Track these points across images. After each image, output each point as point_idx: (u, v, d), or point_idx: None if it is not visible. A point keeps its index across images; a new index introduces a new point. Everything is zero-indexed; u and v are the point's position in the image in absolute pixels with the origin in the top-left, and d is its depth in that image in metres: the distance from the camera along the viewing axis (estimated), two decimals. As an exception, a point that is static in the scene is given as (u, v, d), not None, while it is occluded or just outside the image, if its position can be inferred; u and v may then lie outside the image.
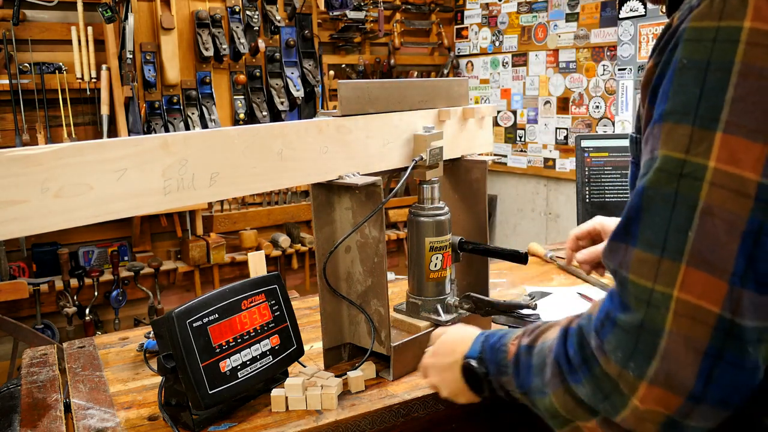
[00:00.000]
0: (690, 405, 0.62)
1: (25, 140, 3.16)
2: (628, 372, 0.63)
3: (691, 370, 0.60)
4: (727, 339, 0.59)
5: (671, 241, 0.61)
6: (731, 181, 0.59)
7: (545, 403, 0.76)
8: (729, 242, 0.59)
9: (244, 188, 1.09)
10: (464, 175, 1.48)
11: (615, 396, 0.65)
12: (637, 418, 0.64)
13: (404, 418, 1.16)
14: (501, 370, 0.87)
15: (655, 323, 0.62)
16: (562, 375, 0.72)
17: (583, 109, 3.87)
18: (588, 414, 0.70)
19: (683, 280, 0.61)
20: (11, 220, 0.86)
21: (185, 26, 3.54)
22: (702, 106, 0.60)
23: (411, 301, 1.39)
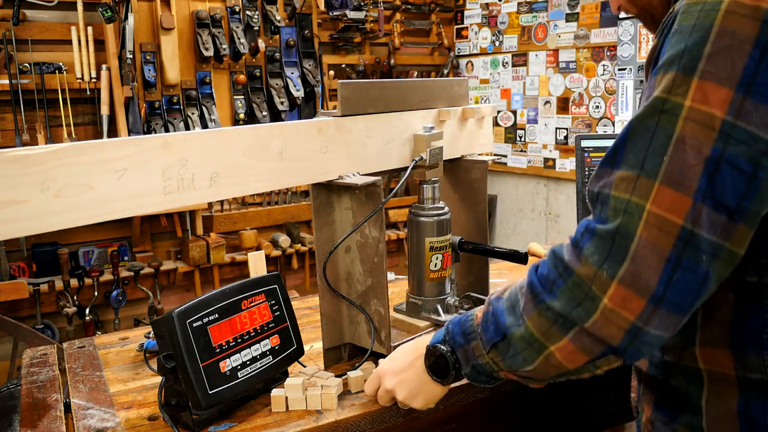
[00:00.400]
0: (651, 308, 0.72)
1: (25, 140, 3.16)
2: (602, 272, 0.74)
3: (654, 272, 0.72)
4: (686, 247, 0.71)
5: (649, 162, 0.74)
6: (702, 117, 0.72)
7: (520, 332, 0.82)
8: (695, 165, 0.72)
9: (244, 188, 1.09)
10: (464, 175, 1.48)
11: (587, 300, 0.75)
12: (605, 320, 0.74)
13: (404, 418, 1.16)
14: (469, 337, 0.92)
15: (629, 228, 0.73)
16: (537, 296, 0.80)
17: (583, 109, 3.87)
18: (561, 332, 0.78)
19: (655, 196, 0.73)
20: (11, 220, 0.86)
21: (185, 26, 3.54)
22: (685, 57, 0.74)
23: (411, 301, 1.39)
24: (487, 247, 1.38)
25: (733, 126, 0.71)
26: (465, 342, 0.93)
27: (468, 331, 0.92)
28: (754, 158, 0.71)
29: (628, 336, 0.75)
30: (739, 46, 0.71)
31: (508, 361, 0.86)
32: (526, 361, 0.84)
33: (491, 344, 0.87)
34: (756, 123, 0.71)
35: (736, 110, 0.71)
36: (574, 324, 0.77)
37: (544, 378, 0.86)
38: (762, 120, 0.71)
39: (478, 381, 0.95)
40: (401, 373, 1.04)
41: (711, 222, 0.71)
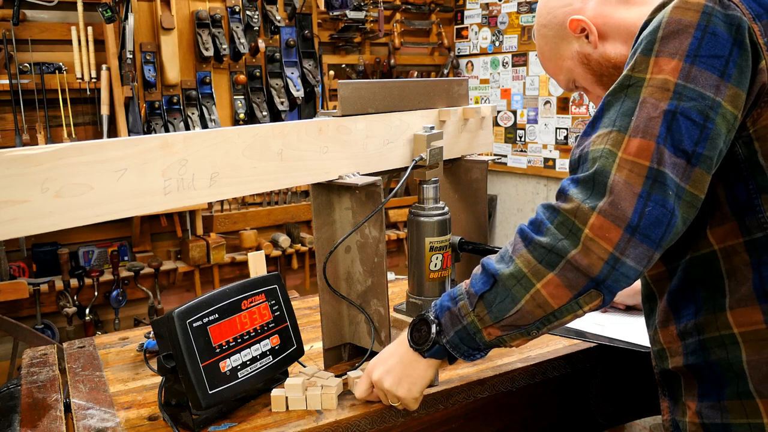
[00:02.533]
0: (626, 237, 0.83)
1: (25, 140, 3.15)
2: (584, 205, 0.85)
3: (629, 204, 0.83)
4: (654, 184, 0.83)
5: (619, 120, 0.88)
6: (659, 82, 0.87)
7: (510, 270, 0.91)
8: (656, 117, 0.85)
9: (244, 188, 1.09)
10: (464, 175, 1.48)
11: (571, 235, 0.85)
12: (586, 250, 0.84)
13: (404, 418, 1.16)
14: (456, 299, 0.98)
15: (605, 168, 0.85)
16: (526, 237, 0.90)
17: (583, 109, 3.87)
18: (547, 268, 0.87)
19: (626, 146, 0.85)
20: (11, 220, 0.86)
21: (185, 26, 3.53)
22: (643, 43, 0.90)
23: (411, 301, 1.39)
24: (487, 247, 1.38)
25: (684, 87, 0.85)
26: (452, 304, 0.99)
27: (455, 294, 0.99)
28: (703, 112, 0.84)
29: (607, 266, 0.84)
30: (684, 29, 0.87)
31: (494, 310, 0.93)
32: (513, 301, 0.91)
33: (479, 295, 0.94)
34: (702, 84, 0.85)
35: (686, 75, 0.85)
36: (560, 257, 0.86)
37: (527, 325, 0.92)
38: (707, 83, 0.85)
39: (458, 351, 0.99)
40: (386, 361, 1.08)
41: (673, 164, 0.84)
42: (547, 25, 1.18)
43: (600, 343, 1.39)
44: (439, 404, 1.20)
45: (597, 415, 1.46)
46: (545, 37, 1.19)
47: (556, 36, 1.16)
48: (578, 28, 1.12)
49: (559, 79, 1.22)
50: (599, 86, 1.15)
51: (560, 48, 1.17)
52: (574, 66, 1.16)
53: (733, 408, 0.91)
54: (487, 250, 1.38)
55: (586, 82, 1.17)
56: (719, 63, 0.85)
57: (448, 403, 1.21)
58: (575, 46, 1.14)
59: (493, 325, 0.94)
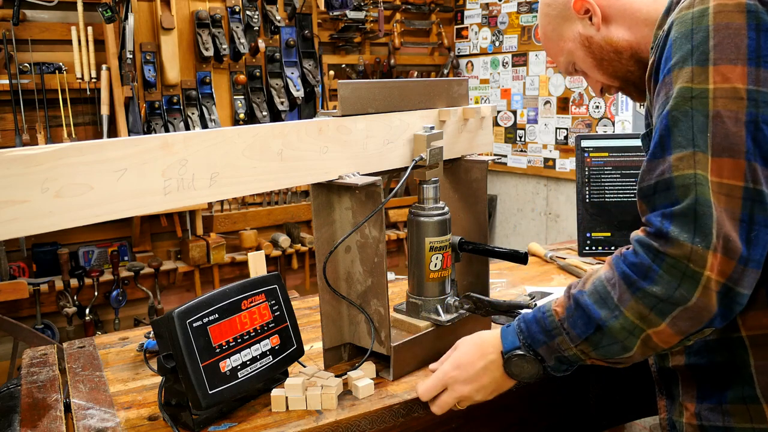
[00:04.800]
0: (741, 268, 0.78)
1: (25, 140, 3.15)
2: (697, 246, 0.78)
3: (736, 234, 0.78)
4: (754, 204, 0.78)
5: (698, 139, 0.81)
6: (728, 92, 0.81)
7: (620, 323, 0.85)
8: (738, 131, 0.80)
9: (244, 188, 1.09)
10: (464, 175, 1.48)
11: (686, 279, 0.79)
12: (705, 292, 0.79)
13: (404, 418, 1.16)
14: (552, 333, 0.94)
15: (705, 197, 0.79)
16: (633, 285, 0.83)
17: (583, 109, 3.87)
18: (659, 317, 0.82)
19: (712, 167, 0.80)
20: (11, 220, 0.86)
21: (185, 26, 3.53)
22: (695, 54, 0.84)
23: (411, 301, 1.39)
24: (487, 247, 1.38)
25: (757, 92, 0.80)
26: (548, 339, 0.95)
27: (550, 327, 0.94)
28: None
29: (722, 298, 0.79)
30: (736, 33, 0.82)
31: (602, 350, 0.89)
32: (625, 349, 0.87)
33: (583, 338, 0.90)
34: None
35: (755, 79, 0.81)
36: (675, 306, 0.81)
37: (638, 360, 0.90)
38: None
39: (558, 371, 0.99)
40: (476, 380, 1.06)
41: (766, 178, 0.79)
42: (551, 4, 1.16)
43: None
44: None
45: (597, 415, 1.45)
46: (548, 16, 1.17)
47: (559, 16, 1.14)
48: (582, 9, 1.09)
49: (558, 60, 1.20)
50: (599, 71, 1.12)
51: (562, 29, 1.14)
52: (575, 48, 1.13)
53: (736, 412, 0.89)
54: (487, 250, 1.38)
55: (585, 65, 1.14)
56: None
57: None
58: (578, 27, 1.11)
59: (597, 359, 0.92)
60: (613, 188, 2.00)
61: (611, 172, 2.00)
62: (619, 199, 1.99)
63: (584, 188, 2.01)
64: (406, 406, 1.16)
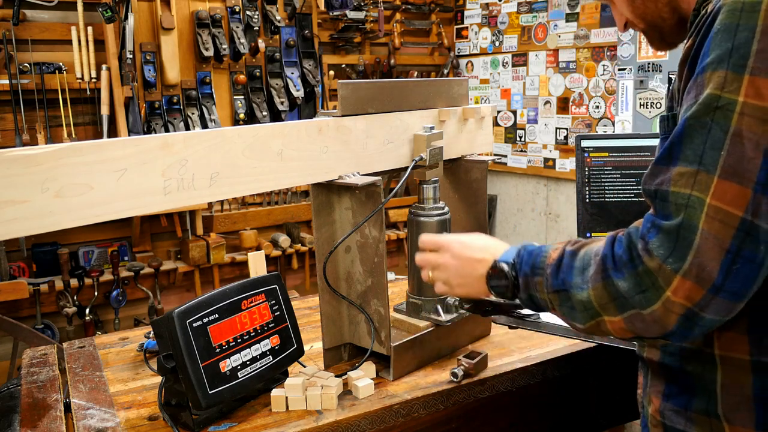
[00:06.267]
0: (709, 296, 0.75)
1: (25, 140, 3.15)
2: (667, 266, 0.77)
3: (715, 264, 0.74)
4: (746, 238, 0.74)
5: (707, 157, 0.76)
6: (757, 111, 0.74)
7: (582, 296, 0.87)
8: (754, 158, 0.74)
9: (244, 188, 1.09)
10: (464, 175, 1.48)
11: (651, 291, 0.78)
12: (665, 311, 0.78)
13: (404, 418, 1.16)
14: (536, 271, 0.96)
15: (691, 222, 0.76)
16: (606, 272, 0.83)
17: (583, 109, 3.87)
18: (618, 309, 0.82)
19: (715, 190, 0.75)
20: (11, 220, 0.86)
21: (185, 26, 3.53)
22: (734, 56, 0.76)
23: (411, 301, 1.39)
24: (487, 247, 1.38)
25: None
26: (531, 274, 0.97)
27: (538, 266, 0.96)
28: None
29: (683, 320, 0.78)
30: None
31: (563, 309, 0.91)
32: (578, 320, 0.89)
33: (554, 289, 0.92)
34: None
35: None
36: (633, 307, 0.81)
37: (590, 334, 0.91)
38: None
39: (526, 306, 1.01)
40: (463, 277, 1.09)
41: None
42: None
43: (600, 343, 1.39)
44: (439, 404, 1.20)
45: (597, 415, 1.45)
46: None
47: None
48: None
49: None
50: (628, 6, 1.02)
51: None
52: None
53: (699, 422, 0.88)
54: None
55: None
56: None
57: (448, 403, 1.21)
58: None
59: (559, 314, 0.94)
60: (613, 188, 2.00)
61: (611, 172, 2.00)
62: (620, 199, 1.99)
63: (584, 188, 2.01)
64: (406, 406, 1.16)
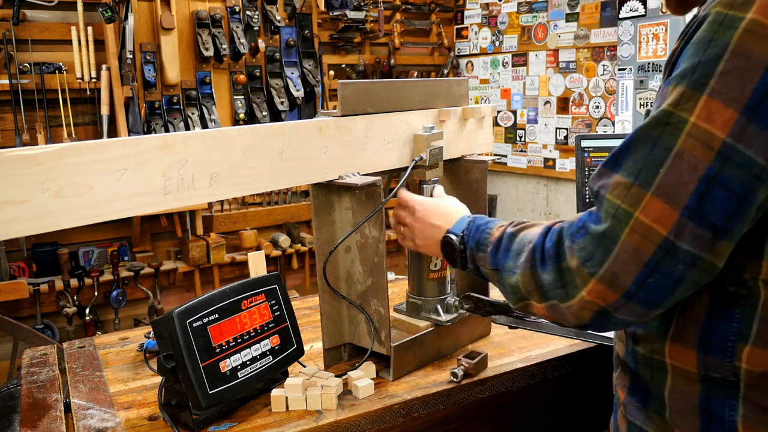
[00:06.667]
0: (622, 301, 0.78)
1: (25, 140, 3.15)
2: (585, 269, 0.79)
3: (631, 275, 0.76)
4: (665, 255, 0.74)
5: (644, 172, 0.76)
6: (703, 135, 0.73)
7: (511, 280, 0.92)
8: (689, 182, 0.73)
9: (244, 188, 1.09)
10: (464, 175, 1.48)
11: (570, 287, 0.82)
12: (580, 307, 0.81)
13: (404, 418, 1.16)
14: (479, 247, 1.03)
15: (615, 232, 0.77)
16: (534, 261, 0.87)
17: (583, 109, 3.87)
18: (541, 297, 0.87)
19: (645, 205, 0.75)
20: (11, 220, 0.86)
21: (185, 26, 3.53)
22: (697, 72, 0.74)
23: (411, 301, 1.39)
24: (487, 247, 1.38)
25: (732, 148, 0.71)
26: (475, 249, 1.03)
27: (481, 242, 1.02)
28: (747, 182, 0.72)
29: (597, 316, 0.81)
30: (751, 67, 0.71)
31: (499, 285, 0.97)
32: (510, 300, 0.94)
33: (491, 267, 0.98)
34: (755, 148, 0.71)
35: (738, 133, 0.71)
36: (551, 299, 0.85)
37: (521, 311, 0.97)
38: (762, 146, 0.71)
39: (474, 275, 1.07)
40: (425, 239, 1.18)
41: (694, 236, 0.73)
42: None
43: (600, 343, 1.39)
44: (439, 404, 1.20)
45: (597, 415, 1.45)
46: None
47: None
48: None
49: None
50: None
51: None
52: None
53: (656, 421, 0.89)
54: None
55: None
56: None
57: (448, 403, 1.21)
58: None
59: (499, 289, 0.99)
60: (613, 188, 2.00)
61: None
62: (619, 199, 1.99)
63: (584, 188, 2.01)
64: (406, 406, 1.16)
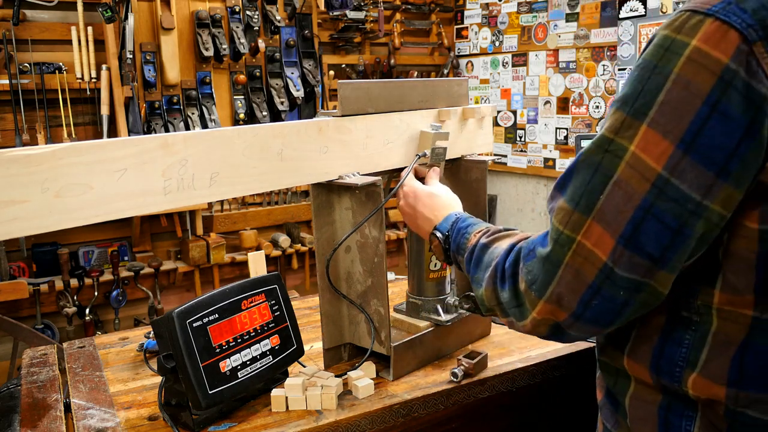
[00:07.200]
0: (572, 320, 0.80)
1: (25, 140, 3.15)
2: (531, 292, 0.82)
3: (576, 295, 0.77)
4: (606, 280, 0.75)
5: (585, 199, 0.77)
6: (640, 165, 0.73)
7: (479, 292, 0.96)
8: (625, 211, 0.74)
9: (244, 188, 1.09)
10: (464, 175, 1.48)
11: (522, 308, 0.85)
12: (533, 325, 0.85)
13: (404, 418, 1.16)
14: (459, 251, 1.07)
15: (557, 257, 0.78)
16: (495, 279, 0.91)
17: (583, 109, 3.87)
18: (502, 313, 0.91)
19: (586, 230, 0.76)
20: (11, 220, 0.86)
21: (185, 26, 3.53)
22: (639, 101, 0.74)
23: (411, 301, 1.39)
24: (487, 247, 1.38)
25: (666, 182, 0.71)
26: (456, 251, 1.08)
27: (461, 247, 1.06)
28: (681, 216, 0.71)
29: (552, 330, 0.84)
30: (690, 99, 0.70)
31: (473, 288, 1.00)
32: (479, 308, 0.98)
33: (467, 273, 1.02)
34: (689, 182, 0.70)
35: (673, 166, 0.71)
36: (510, 315, 0.89)
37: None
38: (696, 180, 0.70)
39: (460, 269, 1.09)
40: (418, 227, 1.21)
41: (631, 264, 0.74)
42: None
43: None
44: (439, 404, 1.20)
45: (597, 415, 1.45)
46: None
47: None
48: None
49: None
50: None
51: None
52: None
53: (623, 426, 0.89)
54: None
55: None
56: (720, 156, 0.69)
57: (448, 403, 1.21)
58: None
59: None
60: (613, 188, 2.00)
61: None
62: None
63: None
64: (406, 406, 1.16)
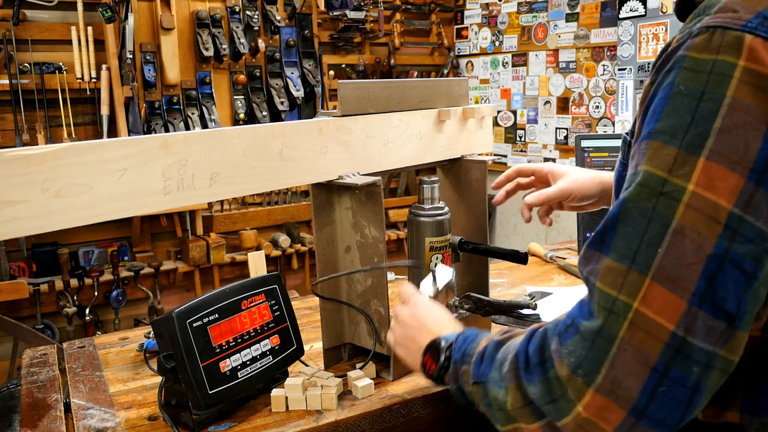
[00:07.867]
0: (631, 421, 0.63)
1: (25, 140, 3.15)
2: (577, 377, 0.65)
3: (637, 381, 0.62)
4: (675, 356, 0.62)
5: (641, 254, 0.64)
6: (706, 206, 0.62)
7: (497, 393, 0.77)
8: (694, 263, 0.62)
9: (244, 188, 1.09)
10: (464, 175, 1.48)
11: (562, 400, 0.67)
12: (577, 426, 0.66)
13: (404, 418, 1.16)
14: (465, 359, 0.87)
15: (611, 330, 0.64)
16: (518, 371, 0.73)
17: (583, 109, 3.87)
18: (533, 416, 0.71)
19: (645, 294, 0.63)
20: (11, 220, 0.86)
21: (185, 26, 3.53)
22: (691, 132, 0.63)
23: (411, 301, 1.38)
24: (487, 247, 1.38)
25: (740, 220, 0.61)
26: (460, 361, 0.88)
27: (468, 353, 0.87)
28: (758, 258, 0.62)
29: None
30: (754, 124, 0.61)
31: (483, 404, 0.82)
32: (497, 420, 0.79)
33: (474, 381, 0.83)
34: (765, 218, 0.61)
35: (746, 202, 0.61)
36: (544, 416, 0.70)
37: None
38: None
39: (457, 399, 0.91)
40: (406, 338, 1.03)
41: (707, 329, 0.62)
42: None
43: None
44: (440, 404, 1.20)
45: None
46: None
47: None
48: None
49: None
50: None
51: None
52: None
53: None
54: (487, 250, 1.38)
55: None
56: None
57: (448, 403, 1.21)
58: None
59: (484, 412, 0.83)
60: (613, 188, 2.00)
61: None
62: (619, 199, 1.99)
63: (584, 188, 2.00)
64: (406, 406, 1.16)
